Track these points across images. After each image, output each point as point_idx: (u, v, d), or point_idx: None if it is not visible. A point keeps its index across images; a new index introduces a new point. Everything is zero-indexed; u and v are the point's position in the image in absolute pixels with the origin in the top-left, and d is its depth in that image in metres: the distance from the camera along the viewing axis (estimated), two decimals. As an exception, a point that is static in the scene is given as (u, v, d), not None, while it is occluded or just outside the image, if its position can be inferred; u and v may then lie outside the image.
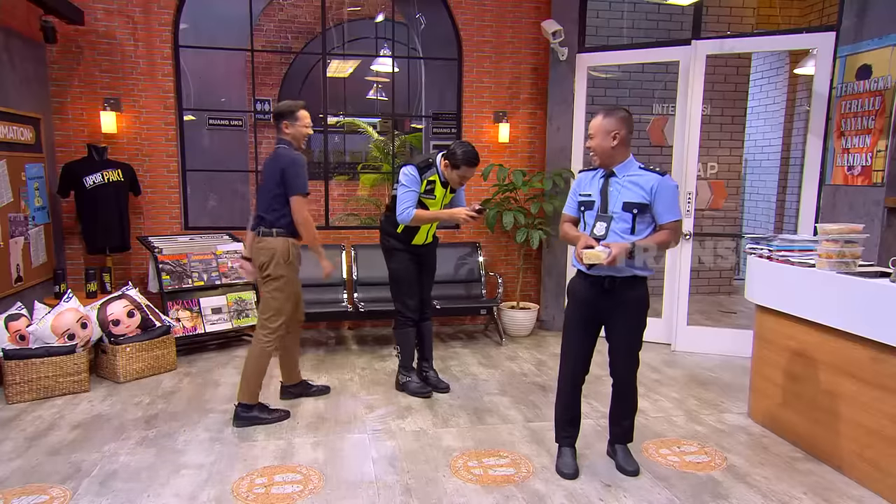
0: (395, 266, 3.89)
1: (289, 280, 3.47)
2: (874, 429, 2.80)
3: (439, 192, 3.78)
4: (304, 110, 3.46)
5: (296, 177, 3.36)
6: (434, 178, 3.75)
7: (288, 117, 3.42)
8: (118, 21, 4.89)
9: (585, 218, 2.88)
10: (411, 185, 3.68)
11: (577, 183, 2.98)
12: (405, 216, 3.66)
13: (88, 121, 4.91)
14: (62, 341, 3.90)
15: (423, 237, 3.87)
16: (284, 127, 3.42)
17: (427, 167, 3.74)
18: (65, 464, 2.97)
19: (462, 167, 3.65)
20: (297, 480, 2.84)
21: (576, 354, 2.92)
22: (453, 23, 5.48)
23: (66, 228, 5.01)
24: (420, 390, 3.94)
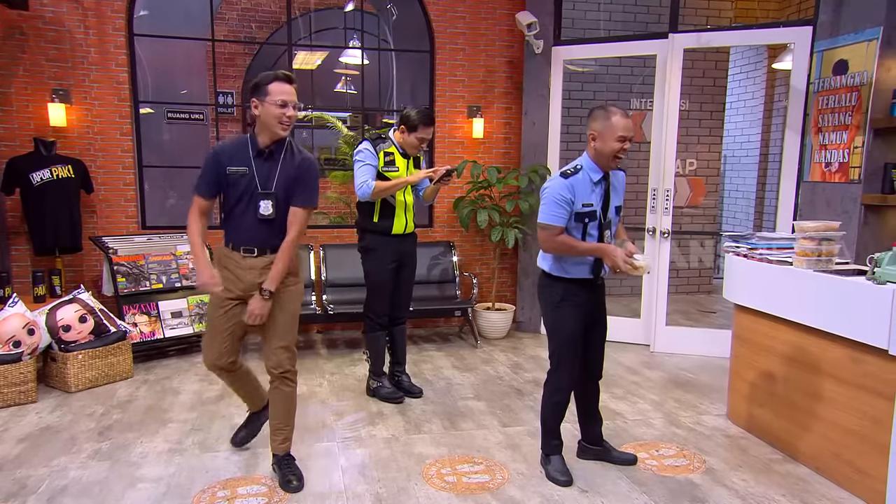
0: (370, 268, 3.74)
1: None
2: (852, 429, 2.79)
3: (401, 163, 3.67)
4: (278, 82, 2.59)
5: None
6: (391, 150, 3.65)
7: (256, 93, 2.62)
8: (66, 7, 4.64)
9: (589, 230, 2.73)
10: (366, 160, 3.57)
11: (568, 192, 2.66)
12: (364, 189, 3.53)
13: (35, 113, 4.65)
14: (7, 349, 3.71)
15: (401, 223, 3.69)
16: (253, 106, 2.64)
17: (381, 140, 3.67)
18: (8, 480, 2.83)
19: (419, 128, 3.56)
20: (261, 493, 2.75)
21: (578, 362, 2.88)
22: (425, 14, 5.35)
23: (11, 228, 4.75)
24: (391, 396, 3.82)
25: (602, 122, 2.67)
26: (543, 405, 2.93)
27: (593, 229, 2.73)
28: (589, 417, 3.06)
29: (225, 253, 2.76)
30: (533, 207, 5.20)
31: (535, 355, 4.86)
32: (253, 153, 2.67)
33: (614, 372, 4.41)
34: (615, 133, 2.63)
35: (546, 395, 2.92)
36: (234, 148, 2.69)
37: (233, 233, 2.73)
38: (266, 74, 2.65)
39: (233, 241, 2.74)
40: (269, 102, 2.58)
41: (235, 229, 2.72)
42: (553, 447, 2.95)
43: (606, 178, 2.75)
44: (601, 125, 2.67)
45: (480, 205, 5.16)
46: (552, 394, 2.90)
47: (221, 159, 2.66)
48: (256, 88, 2.62)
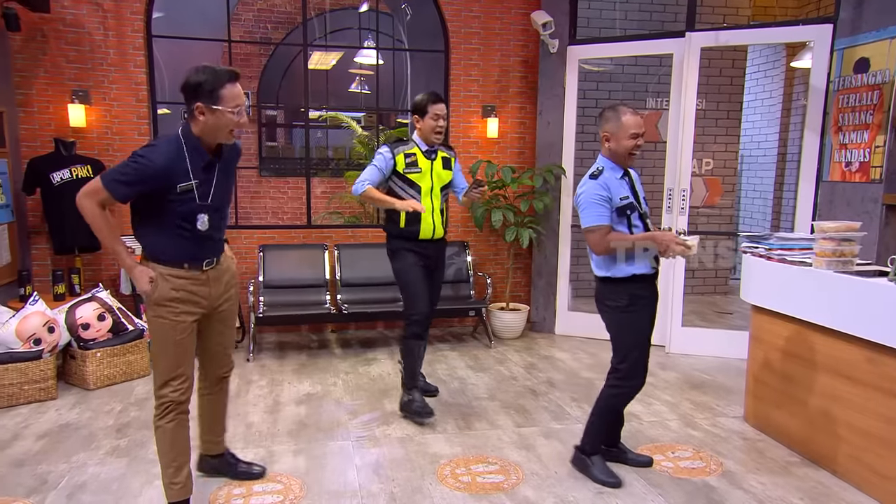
0: (399, 266, 3.54)
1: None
2: (871, 432, 2.76)
3: (425, 165, 3.49)
4: (231, 84, 2.27)
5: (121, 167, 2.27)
6: (413, 151, 3.49)
7: (204, 97, 2.23)
8: (86, 9, 4.69)
9: (633, 221, 2.74)
10: (377, 163, 3.46)
11: (605, 189, 2.67)
12: (357, 187, 3.44)
13: (55, 114, 4.71)
14: (27, 346, 3.75)
15: (428, 228, 3.49)
16: (198, 112, 2.26)
17: (402, 142, 3.54)
18: (30, 476, 2.86)
19: (429, 107, 3.42)
20: (277, 490, 2.76)
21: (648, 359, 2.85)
22: (440, 13, 5.34)
23: (32, 227, 4.82)
24: (422, 411, 3.53)
25: (614, 123, 2.71)
26: (603, 408, 2.89)
27: (637, 220, 2.75)
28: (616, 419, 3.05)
29: (178, 274, 2.38)
30: (547, 207, 5.18)
31: (548, 356, 4.84)
32: (197, 163, 2.32)
33: (629, 373, 4.38)
34: (627, 132, 2.68)
35: (608, 399, 2.87)
36: (173, 158, 2.28)
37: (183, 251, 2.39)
38: (214, 74, 2.24)
39: (188, 259, 2.40)
40: (223, 110, 2.25)
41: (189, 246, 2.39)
42: (599, 448, 2.95)
43: (627, 174, 2.80)
44: (613, 126, 2.72)
45: (495, 204, 5.14)
46: (617, 399, 2.87)
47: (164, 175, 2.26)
48: (203, 92, 2.23)
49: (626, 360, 2.79)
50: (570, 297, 5.56)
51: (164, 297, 2.38)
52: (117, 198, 2.28)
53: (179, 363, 2.44)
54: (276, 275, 4.99)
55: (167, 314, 2.39)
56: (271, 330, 5.35)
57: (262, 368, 4.45)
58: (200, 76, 2.25)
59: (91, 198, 2.28)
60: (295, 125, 10.14)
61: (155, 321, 2.41)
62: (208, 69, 2.27)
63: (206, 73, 2.25)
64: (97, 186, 2.27)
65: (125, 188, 2.26)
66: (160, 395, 2.44)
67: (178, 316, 2.40)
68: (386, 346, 5.09)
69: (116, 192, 2.26)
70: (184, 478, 2.51)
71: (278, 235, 5.31)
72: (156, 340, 2.44)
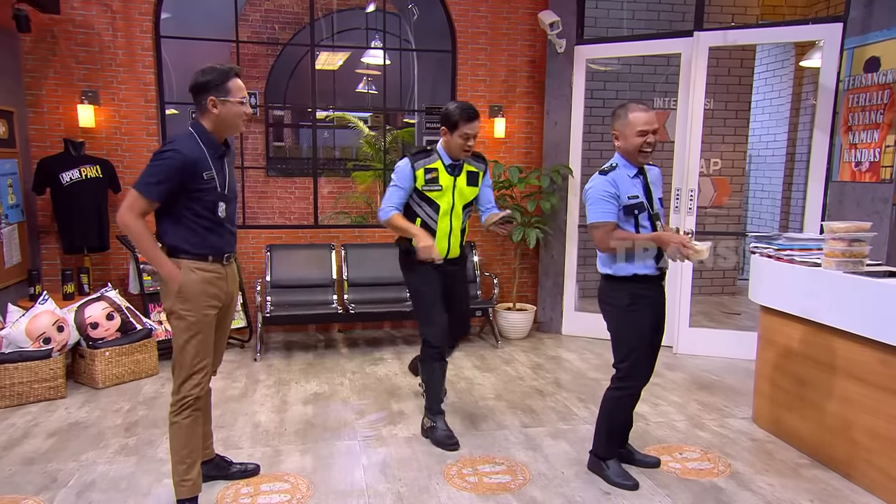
0: (412, 280, 3.22)
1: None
2: (883, 433, 2.74)
3: (446, 181, 3.11)
4: (236, 78, 2.45)
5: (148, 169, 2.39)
6: (435, 166, 3.11)
7: (214, 91, 2.40)
8: (96, 10, 4.72)
9: (640, 221, 2.72)
10: (398, 181, 3.10)
11: (613, 187, 2.67)
12: (381, 214, 3.12)
13: (65, 114, 4.75)
14: (37, 345, 3.77)
15: (444, 246, 3.16)
16: (211, 105, 2.41)
17: (424, 154, 3.13)
18: (40, 474, 2.88)
19: (461, 123, 3.03)
20: (284, 489, 2.77)
21: (651, 359, 2.87)
22: (447, 13, 5.35)
23: (42, 227, 4.86)
24: (446, 441, 3.22)
25: (622, 121, 2.72)
26: (607, 410, 2.87)
27: (645, 220, 2.72)
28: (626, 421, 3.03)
29: (203, 267, 2.46)
30: (554, 207, 5.17)
31: (555, 356, 4.83)
32: (213, 154, 2.45)
33: (636, 374, 4.36)
34: (635, 129, 2.67)
35: (610, 400, 2.86)
36: (195, 150, 2.41)
37: (204, 244, 2.47)
38: (220, 71, 2.42)
39: (212, 252, 2.49)
40: (233, 101, 2.42)
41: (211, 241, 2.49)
42: (612, 452, 2.92)
43: (642, 172, 2.78)
44: (621, 123, 2.73)
45: (501, 205, 5.13)
46: (620, 401, 2.86)
47: (192, 164, 2.38)
48: (213, 87, 2.40)
49: (627, 359, 2.79)
50: (577, 298, 5.55)
51: (193, 290, 2.44)
52: (153, 198, 2.37)
53: (203, 357, 2.50)
54: (284, 274, 5.00)
55: (194, 308, 2.45)
56: (278, 329, 5.36)
57: (270, 368, 4.47)
58: (208, 75, 2.42)
59: (132, 212, 2.36)
60: (302, 125, 10.17)
61: (183, 315, 2.45)
62: (213, 68, 2.44)
63: (213, 71, 2.43)
64: (133, 197, 2.36)
65: (158, 187, 2.36)
66: (182, 391, 2.48)
67: (204, 309, 2.47)
68: (392, 345, 5.10)
69: (151, 193, 2.36)
70: (195, 475, 2.54)
71: (285, 235, 5.32)
72: (181, 335, 2.46)
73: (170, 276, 2.42)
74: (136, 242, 2.42)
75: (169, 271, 2.42)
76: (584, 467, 3.00)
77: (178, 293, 2.43)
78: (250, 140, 8.89)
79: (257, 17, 8.84)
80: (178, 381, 2.49)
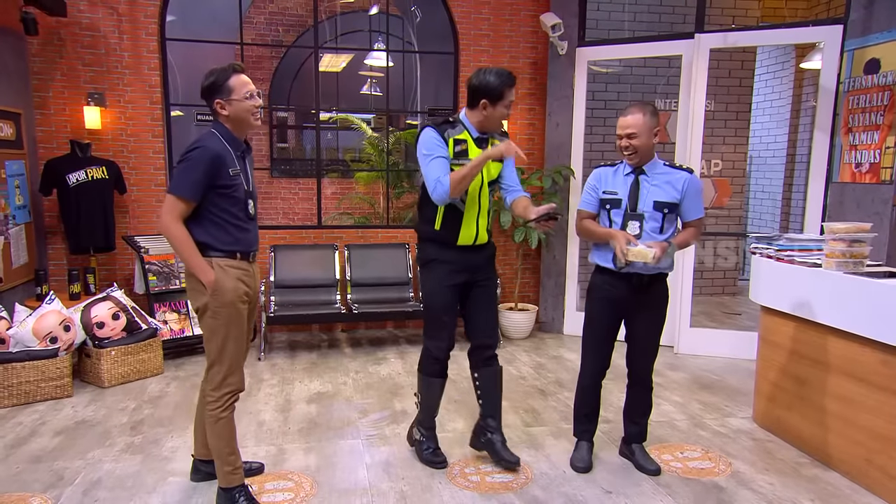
0: (426, 286, 2.90)
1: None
2: (883, 433, 2.75)
3: (476, 154, 2.74)
4: (237, 74, 2.44)
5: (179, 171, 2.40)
6: (463, 136, 2.76)
7: (218, 93, 2.42)
8: (102, 13, 4.76)
9: (612, 216, 2.84)
10: (434, 151, 2.70)
11: (595, 179, 2.91)
12: (440, 190, 2.65)
13: (71, 116, 4.79)
14: (44, 345, 3.79)
15: (470, 233, 2.82)
16: (219, 108, 2.44)
17: (449, 125, 2.78)
18: (47, 472, 2.90)
19: (506, 92, 2.70)
20: (288, 488, 2.78)
21: (600, 350, 2.97)
22: (449, 16, 5.37)
23: (49, 228, 4.90)
24: (432, 460, 3.01)
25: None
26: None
27: (616, 216, 2.82)
28: (627, 415, 3.11)
29: (233, 265, 2.48)
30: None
31: (557, 356, 4.85)
32: (237, 152, 2.49)
33: (638, 374, 4.38)
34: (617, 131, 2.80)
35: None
36: (220, 146, 2.43)
37: (235, 241, 2.49)
38: (219, 72, 2.43)
39: (240, 249, 2.51)
40: (238, 98, 2.43)
41: (240, 237, 2.51)
42: (577, 432, 3.12)
43: (639, 172, 2.82)
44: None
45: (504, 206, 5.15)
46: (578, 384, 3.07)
47: (219, 159, 2.40)
48: (216, 89, 2.42)
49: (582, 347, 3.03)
50: (579, 298, 5.56)
51: (226, 287, 2.46)
52: (190, 197, 2.38)
53: (241, 350, 2.56)
54: (287, 274, 5.03)
55: (228, 304, 2.47)
56: (282, 329, 5.39)
57: (274, 367, 4.50)
58: (210, 78, 2.45)
59: (171, 216, 2.38)
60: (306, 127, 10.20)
61: (218, 312, 2.46)
62: (214, 70, 2.46)
63: (212, 74, 2.45)
64: (171, 201, 2.37)
65: (193, 185, 2.37)
66: (224, 386, 2.51)
67: (238, 305, 2.50)
68: (395, 345, 5.12)
69: (187, 192, 2.37)
70: (240, 462, 2.63)
71: (289, 236, 5.35)
72: (220, 332, 2.47)
73: (208, 278, 2.42)
74: (177, 247, 2.42)
75: (207, 274, 2.42)
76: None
77: (213, 292, 2.44)
78: (254, 141, 8.92)
79: (261, 19, 8.88)
80: (220, 377, 2.50)
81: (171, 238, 2.41)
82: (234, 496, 2.57)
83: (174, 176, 2.42)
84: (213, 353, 2.50)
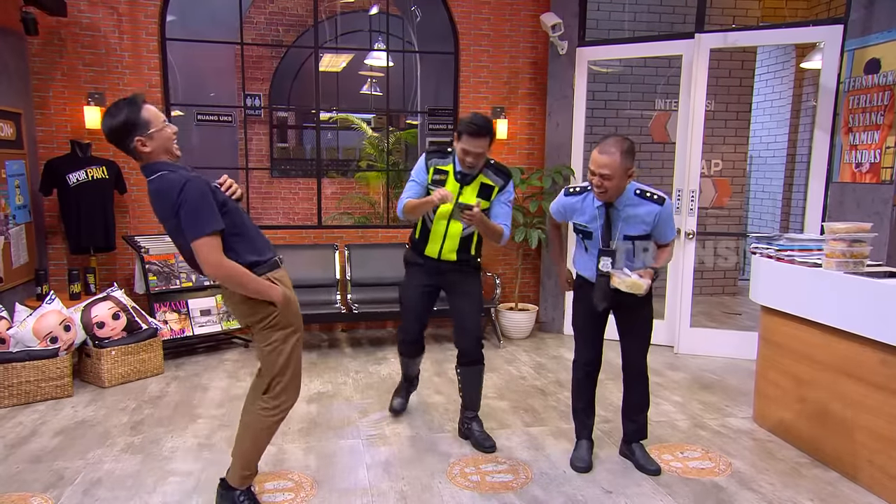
0: (403, 281, 3.36)
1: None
2: (883, 433, 2.75)
3: (452, 188, 3.06)
4: (146, 106, 2.22)
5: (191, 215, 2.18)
6: (446, 168, 3.09)
7: (137, 130, 2.18)
8: (102, 12, 4.76)
9: (587, 245, 2.91)
10: (414, 175, 3.14)
11: (565, 205, 2.93)
12: (398, 207, 3.14)
13: (71, 116, 4.78)
14: (44, 344, 3.79)
15: (435, 248, 3.16)
16: (140, 146, 2.20)
17: (441, 154, 3.14)
18: (47, 472, 2.90)
19: (462, 137, 2.92)
20: (288, 488, 2.78)
21: (588, 341, 3.02)
22: (450, 15, 5.37)
23: (49, 227, 4.89)
24: (397, 408, 3.64)
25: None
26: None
27: (592, 247, 2.88)
28: (625, 413, 3.13)
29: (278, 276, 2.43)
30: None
31: (557, 355, 4.85)
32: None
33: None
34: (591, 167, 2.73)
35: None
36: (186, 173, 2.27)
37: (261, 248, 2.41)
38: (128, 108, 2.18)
39: (270, 255, 2.44)
40: (157, 128, 2.21)
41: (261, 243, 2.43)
42: (577, 430, 3.15)
43: (607, 206, 2.78)
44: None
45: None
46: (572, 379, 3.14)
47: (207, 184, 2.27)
48: (132, 127, 2.17)
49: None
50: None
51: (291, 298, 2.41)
52: (217, 226, 2.21)
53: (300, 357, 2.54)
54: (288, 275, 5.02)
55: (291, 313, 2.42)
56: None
57: (274, 367, 4.49)
58: (118, 117, 2.18)
59: (217, 254, 2.20)
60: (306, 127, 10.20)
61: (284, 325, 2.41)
62: (119, 107, 2.20)
63: (120, 110, 2.19)
64: (206, 242, 2.18)
65: (213, 214, 2.20)
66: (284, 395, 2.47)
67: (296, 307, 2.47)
68: (395, 345, 5.10)
69: (216, 223, 2.20)
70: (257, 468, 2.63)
71: (289, 236, 5.35)
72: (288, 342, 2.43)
73: (278, 295, 2.34)
74: (238, 281, 2.25)
75: (276, 292, 2.33)
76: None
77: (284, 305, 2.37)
78: (254, 141, 8.93)
79: (262, 19, 8.88)
80: (280, 387, 2.45)
81: (229, 275, 2.23)
82: (238, 496, 2.58)
83: (191, 220, 2.17)
84: (279, 366, 2.42)
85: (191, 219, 2.17)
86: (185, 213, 2.17)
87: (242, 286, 2.27)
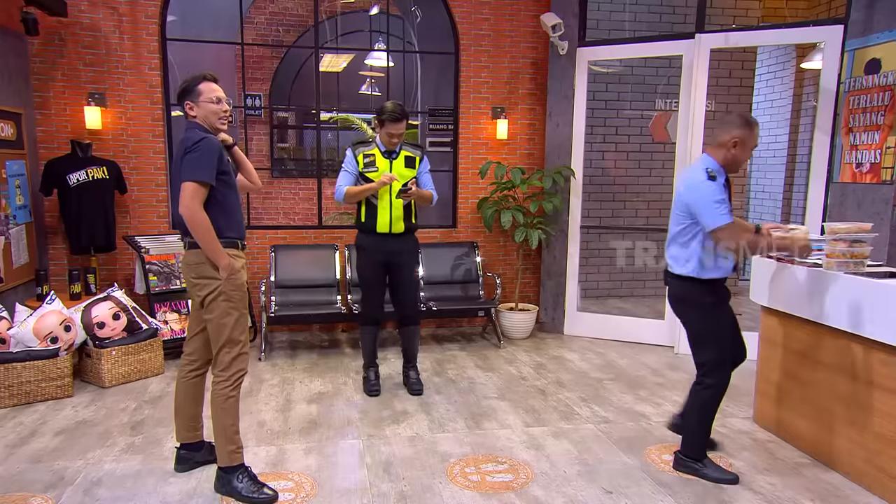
0: (358, 265, 3.92)
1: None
2: (883, 433, 2.75)
3: (382, 164, 3.74)
4: (206, 82, 2.66)
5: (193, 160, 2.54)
6: (372, 151, 3.75)
7: (188, 96, 2.65)
8: (102, 13, 4.76)
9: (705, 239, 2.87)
10: (345, 166, 3.77)
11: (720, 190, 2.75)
12: (337, 194, 3.74)
13: (72, 116, 4.78)
14: (45, 345, 3.79)
15: (384, 222, 3.74)
16: (188, 109, 2.66)
17: (364, 144, 3.80)
18: (47, 472, 2.91)
19: (386, 123, 3.66)
20: (288, 488, 2.79)
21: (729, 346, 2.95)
22: (450, 16, 5.37)
23: (49, 228, 4.89)
24: (368, 389, 3.98)
25: (748, 133, 2.75)
26: (700, 411, 2.95)
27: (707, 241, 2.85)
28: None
29: (236, 254, 2.69)
30: (556, 208, 5.19)
31: (557, 356, 4.85)
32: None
33: (638, 373, 4.38)
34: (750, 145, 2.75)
35: (702, 401, 2.93)
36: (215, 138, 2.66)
37: (234, 227, 2.70)
38: (192, 77, 2.66)
39: (238, 236, 2.72)
40: (204, 101, 2.64)
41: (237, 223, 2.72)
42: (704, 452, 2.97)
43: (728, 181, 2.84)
44: (747, 135, 2.75)
45: (504, 205, 5.16)
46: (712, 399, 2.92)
47: (220, 146, 2.64)
48: (186, 92, 2.65)
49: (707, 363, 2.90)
50: (579, 298, 5.57)
51: (238, 272, 2.65)
52: (209, 179, 2.55)
53: (245, 331, 2.75)
54: (288, 275, 5.03)
55: (238, 287, 2.66)
56: (283, 329, 5.39)
57: (274, 367, 4.50)
58: (183, 84, 2.68)
59: (196, 201, 2.53)
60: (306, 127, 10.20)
61: (231, 295, 2.64)
62: (188, 76, 2.69)
63: (187, 79, 2.68)
64: (191, 188, 2.52)
65: (210, 169, 2.55)
66: (234, 366, 2.68)
67: (244, 288, 2.70)
68: (395, 345, 5.10)
69: (206, 176, 2.54)
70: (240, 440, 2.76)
71: (290, 236, 5.36)
72: (231, 314, 2.65)
73: (225, 262, 2.60)
74: (199, 234, 2.54)
75: (225, 259, 2.60)
76: (586, 466, 3.02)
77: (229, 276, 2.61)
78: (255, 141, 8.94)
79: (262, 19, 8.87)
80: (230, 357, 2.67)
81: (197, 224, 2.53)
82: (237, 476, 2.66)
83: (189, 165, 2.53)
84: (226, 335, 2.66)
85: (191, 163, 2.53)
86: (190, 157, 2.54)
87: (201, 238, 2.56)
